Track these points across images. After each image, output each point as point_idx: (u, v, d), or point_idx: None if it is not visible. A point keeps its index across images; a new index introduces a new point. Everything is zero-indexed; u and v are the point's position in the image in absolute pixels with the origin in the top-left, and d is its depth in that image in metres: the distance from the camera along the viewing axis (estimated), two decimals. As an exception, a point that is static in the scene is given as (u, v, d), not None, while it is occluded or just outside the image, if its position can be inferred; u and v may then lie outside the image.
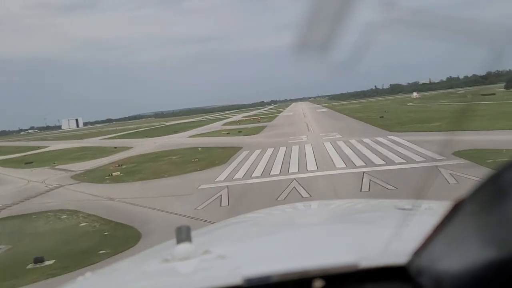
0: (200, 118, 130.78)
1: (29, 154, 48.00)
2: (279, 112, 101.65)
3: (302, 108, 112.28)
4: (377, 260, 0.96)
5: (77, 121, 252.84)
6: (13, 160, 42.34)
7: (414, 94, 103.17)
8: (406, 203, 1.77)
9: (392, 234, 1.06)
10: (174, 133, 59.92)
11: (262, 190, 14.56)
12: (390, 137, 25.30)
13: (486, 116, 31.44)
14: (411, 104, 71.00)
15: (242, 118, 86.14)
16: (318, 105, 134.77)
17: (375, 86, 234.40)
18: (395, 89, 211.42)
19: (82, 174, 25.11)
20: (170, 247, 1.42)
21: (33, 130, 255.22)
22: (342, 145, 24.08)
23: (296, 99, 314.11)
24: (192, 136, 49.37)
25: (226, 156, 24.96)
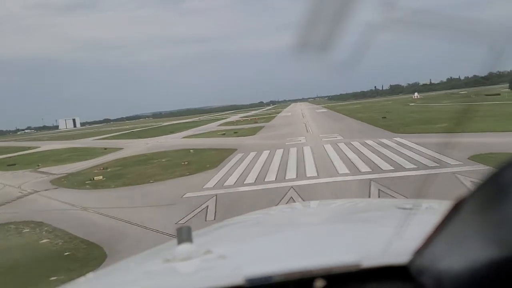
0: (197, 118, 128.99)
1: (16, 155, 46.26)
2: (278, 112, 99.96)
3: (300, 108, 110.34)
4: (378, 259, 0.96)
5: (74, 121, 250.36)
6: (-3, 161, 40.44)
7: (416, 94, 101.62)
8: (407, 203, 1.81)
9: (393, 234, 1.06)
10: (169, 133, 58.20)
11: (254, 200, 12.71)
12: (396, 139, 23.47)
13: (496, 117, 29.84)
14: (413, 104, 69.22)
15: (240, 118, 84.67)
16: (317, 105, 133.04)
17: (375, 86, 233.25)
18: (395, 89, 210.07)
19: (63, 178, 23.22)
20: (171, 248, 1.43)
21: (29, 130, 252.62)
22: (344, 147, 22.24)
23: (295, 100, 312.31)
24: (186, 137, 47.51)
25: (219, 159, 23.11)
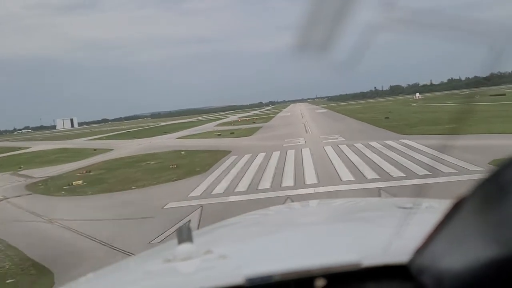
0: (195, 118, 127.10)
1: (4, 156, 44.39)
2: (277, 112, 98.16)
3: (300, 108, 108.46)
4: (378, 259, 0.96)
5: (72, 121, 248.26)
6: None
7: (417, 95, 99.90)
8: (407, 202, 1.79)
9: (393, 233, 1.05)
10: (164, 134, 56.42)
11: (245, 213, 10.84)
12: (403, 140, 21.63)
13: (508, 117, 28.10)
14: (415, 105, 67.39)
15: (238, 118, 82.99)
16: (317, 105, 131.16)
17: (375, 87, 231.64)
18: (395, 90, 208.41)
19: (41, 182, 21.36)
20: (171, 247, 1.42)
21: (27, 130, 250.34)
22: (346, 150, 20.41)
23: (294, 100, 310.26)
24: (181, 137, 45.67)
25: (210, 162, 21.27)
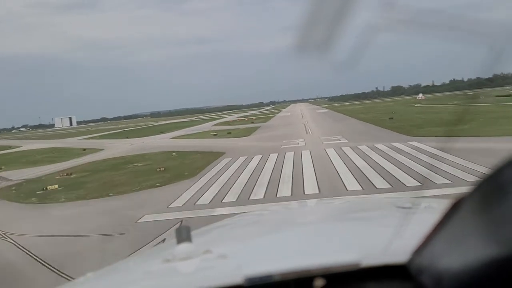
0: (194, 118, 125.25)
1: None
2: (277, 112, 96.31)
3: (300, 108, 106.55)
4: (378, 258, 0.96)
5: (70, 119, 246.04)
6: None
7: (420, 95, 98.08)
8: (406, 201, 1.81)
9: (392, 233, 1.05)
10: (160, 133, 54.61)
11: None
12: (412, 143, 19.73)
13: (522, 118, 26.29)
14: (419, 105, 65.51)
15: (237, 118, 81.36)
16: (317, 106, 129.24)
17: (376, 88, 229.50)
18: (397, 91, 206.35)
19: (14, 186, 19.51)
20: (170, 247, 1.42)
21: (25, 128, 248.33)
22: (350, 152, 18.55)
23: (295, 100, 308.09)
24: (175, 137, 43.81)
25: (201, 165, 19.41)
